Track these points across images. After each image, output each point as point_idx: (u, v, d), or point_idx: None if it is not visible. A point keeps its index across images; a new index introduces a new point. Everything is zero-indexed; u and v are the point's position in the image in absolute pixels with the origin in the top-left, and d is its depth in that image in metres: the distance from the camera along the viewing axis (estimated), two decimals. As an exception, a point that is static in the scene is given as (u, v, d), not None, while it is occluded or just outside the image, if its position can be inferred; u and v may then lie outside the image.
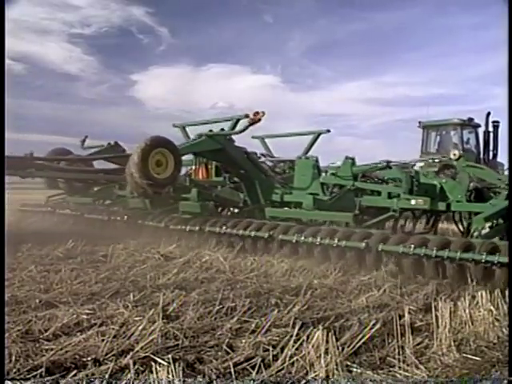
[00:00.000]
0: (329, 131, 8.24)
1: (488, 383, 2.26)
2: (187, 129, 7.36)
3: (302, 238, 5.06)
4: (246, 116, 6.16)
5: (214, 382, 2.18)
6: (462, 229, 6.25)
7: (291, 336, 2.57)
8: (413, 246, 4.34)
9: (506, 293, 3.49)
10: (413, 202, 5.40)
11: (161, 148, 5.67)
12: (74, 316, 2.99)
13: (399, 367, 2.34)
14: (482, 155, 12.41)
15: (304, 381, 2.18)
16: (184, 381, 2.13)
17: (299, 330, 2.70)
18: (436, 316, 2.95)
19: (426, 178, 5.79)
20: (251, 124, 6.07)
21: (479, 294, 3.32)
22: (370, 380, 2.22)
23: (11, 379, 2.10)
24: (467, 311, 3.06)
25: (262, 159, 8.17)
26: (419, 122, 12.98)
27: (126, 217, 7.03)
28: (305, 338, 2.50)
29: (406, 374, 2.29)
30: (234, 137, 6.71)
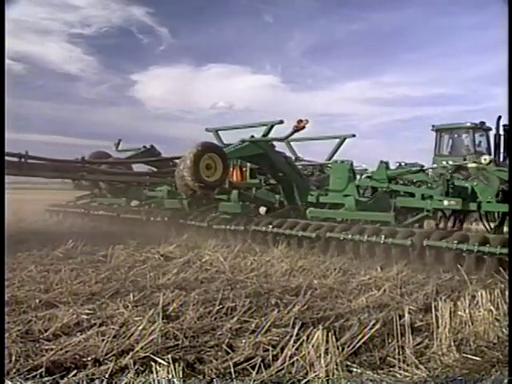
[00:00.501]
0: (354, 136, 8.41)
1: (488, 383, 2.26)
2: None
3: (349, 236, 5.44)
4: (281, 122, 6.56)
5: (214, 381, 2.18)
6: (488, 227, 6.47)
7: (291, 336, 2.57)
8: (456, 241, 4.77)
9: (506, 293, 3.50)
10: (445, 202, 5.72)
11: (211, 153, 6.02)
12: (74, 316, 2.99)
13: (399, 367, 2.34)
14: (492, 157, 12.58)
15: (304, 381, 2.18)
16: (184, 381, 2.13)
17: (299, 330, 2.70)
18: (436, 316, 2.94)
19: (459, 181, 6.09)
20: (295, 131, 6.38)
21: (479, 293, 3.32)
22: (370, 380, 2.22)
23: (11, 379, 2.10)
24: (467, 311, 3.06)
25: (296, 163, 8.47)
26: (432, 126, 13.26)
27: (166, 218, 7.38)
28: (305, 338, 2.50)
29: (406, 374, 2.29)
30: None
